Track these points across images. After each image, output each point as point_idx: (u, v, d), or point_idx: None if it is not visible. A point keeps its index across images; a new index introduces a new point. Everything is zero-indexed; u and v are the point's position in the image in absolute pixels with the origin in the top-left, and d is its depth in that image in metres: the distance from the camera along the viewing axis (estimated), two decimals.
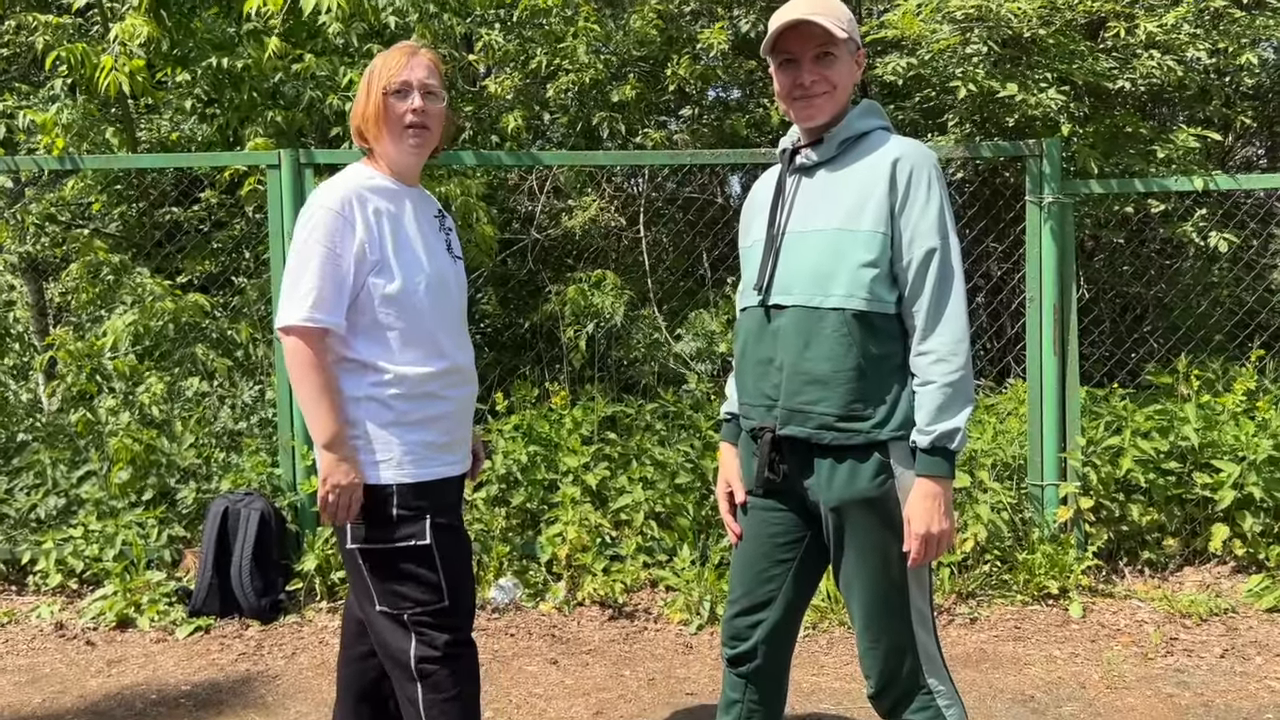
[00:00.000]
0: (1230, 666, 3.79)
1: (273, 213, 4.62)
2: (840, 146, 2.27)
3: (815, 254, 2.23)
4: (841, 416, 2.20)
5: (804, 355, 2.22)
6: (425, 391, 2.35)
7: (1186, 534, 4.68)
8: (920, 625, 2.28)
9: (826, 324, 2.20)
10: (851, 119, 2.27)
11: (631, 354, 5.68)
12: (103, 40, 5.60)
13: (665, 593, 4.49)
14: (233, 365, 5.25)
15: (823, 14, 2.21)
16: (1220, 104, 5.96)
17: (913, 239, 2.17)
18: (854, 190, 2.22)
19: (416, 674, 2.33)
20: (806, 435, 2.23)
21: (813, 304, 2.21)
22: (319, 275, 2.29)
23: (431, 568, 2.32)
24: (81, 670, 3.94)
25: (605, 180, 6.24)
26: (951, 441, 2.13)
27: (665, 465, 4.75)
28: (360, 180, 2.38)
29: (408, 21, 5.75)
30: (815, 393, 2.21)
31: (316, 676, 3.85)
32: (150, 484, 4.77)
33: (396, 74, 2.36)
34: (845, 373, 2.19)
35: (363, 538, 2.31)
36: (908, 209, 2.18)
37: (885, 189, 2.18)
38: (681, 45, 6.42)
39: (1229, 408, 4.82)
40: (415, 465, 2.33)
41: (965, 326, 2.19)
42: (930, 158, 2.22)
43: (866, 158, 2.24)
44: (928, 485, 2.15)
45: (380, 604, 2.34)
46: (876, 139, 2.26)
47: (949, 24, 5.02)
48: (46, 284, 7.68)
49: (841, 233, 2.20)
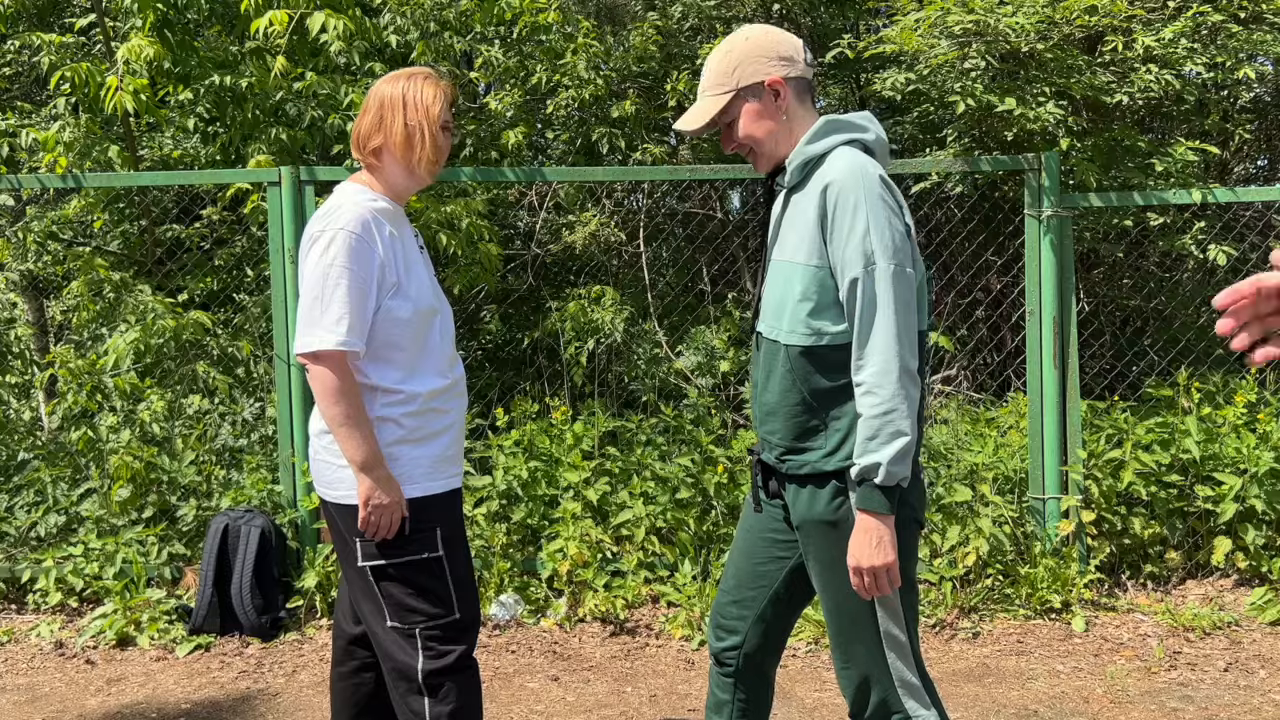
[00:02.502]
0: (1234, 680, 3.78)
1: (273, 229, 4.63)
2: (801, 171, 2.23)
3: (773, 286, 2.26)
4: (789, 448, 2.22)
5: (765, 386, 2.26)
6: (431, 408, 2.40)
7: (1189, 547, 4.67)
8: (894, 650, 2.24)
9: (778, 357, 2.22)
10: (802, 144, 2.22)
11: (632, 369, 5.68)
12: (105, 58, 5.63)
13: (667, 608, 4.48)
14: (233, 382, 5.25)
15: (705, 93, 2.25)
16: (1218, 118, 5.98)
17: (841, 269, 2.11)
18: (800, 221, 2.19)
19: (424, 688, 2.35)
20: (771, 461, 2.28)
21: (772, 336, 2.24)
22: (348, 299, 2.29)
23: (442, 580, 2.37)
24: (81, 689, 3.93)
25: (605, 196, 6.25)
26: (875, 475, 2.06)
27: (666, 480, 4.74)
28: (367, 202, 2.39)
29: (409, 40, 5.78)
30: (772, 423, 2.25)
31: (317, 694, 3.83)
32: (150, 501, 4.76)
33: (445, 109, 2.41)
34: (790, 406, 2.21)
35: (374, 554, 2.34)
36: (834, 238, 2.12)
37: (816, 219, 2.14)
38: (681, 61, 6.44)
39: (1230, 420, 4.82)
40: (424, 479, 2.38)
41: (894, 355, 2.07)
42: (861, 177, 2.11)
43: (813, 185, 2.18)
44: (862, 519, 2.10)
45: (391, 619, 2.36)
46: (829, 161, 2.18)
47: (947, 39, 5.04)
48: (47, 302, 7.70)
49: (789, 265, 2.20)
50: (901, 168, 5.01)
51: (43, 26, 6.55)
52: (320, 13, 5.03)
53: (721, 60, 2.25)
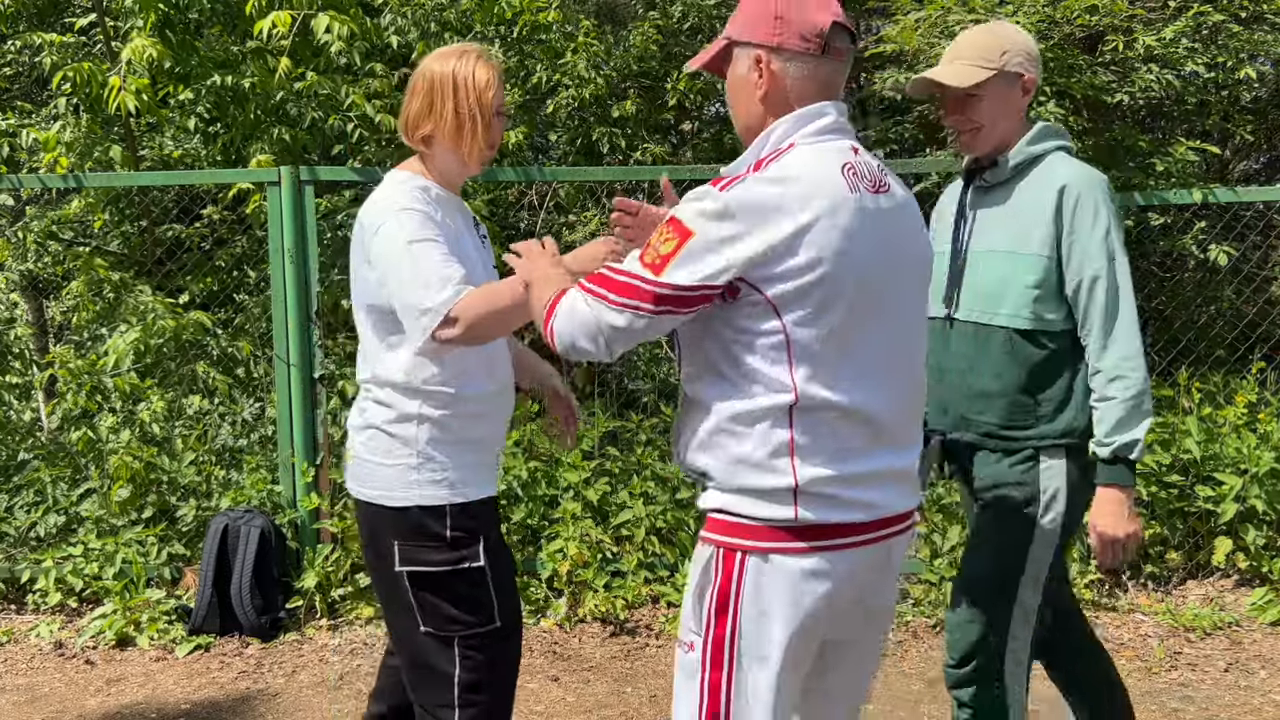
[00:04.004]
0: (1234, 681, 3.77)
1: (273, 229, 4.62)
2: (1014, 170, 2.39)
3: (987, 274, 2.39)
4: (1003, 426, 2.38)
5: (972, 369, 2.40)
6: (476, 412, 2.27)
7: (1189, 547, 4.67)
8: (1021, 620, 2.40)
9: (994, 341, 2.36)
10: (1023, 143, 2.38)
11: (632, 369, 5.68)
12: (106, 58, 5.63)
13: (667, 609, 4.48)
14: (233, 383, 5.25)
15: (962, 59, 2.36)
16: (1219, 118, 5.97)
17: (1081, 263, 2.29)
18: (1024, 214, 2.35)
19: (458, 701, 2.22)
20: (972, 440, 2.43)
21: (983, 321, 2.38)
22: (437, 258, 2.10)
23: (484, 587, 2.24)
24: (81, 689, 3.93)
25: (605, 195, 6.25)
26: (1131, 452, 2.28)
27: (666, 481, 4.74)
28: (419, 188, 2.23)
29: (409, 40, 5.78)
30: (980, 404, 2.39)
31: (316, 694, 3.83)
32: (150, 502, 4.76)
33: (499, 93, 2.26)
34: (1009, 386, 2.36)
35: (415, 560, 2.21)
36: (1075, 235, 2.29)
37: (1052, 215, 2.30)
38: (681, 61, 6.45)
39: (1230, 420, 4.81)
40: (467, 485, 2.23)
41: (1138, 343, 2.29)
42: (1098, 183, 2.31)
43: (1037, 182, 2.35)
44: (1111, 493, 2.31)
45: (425, 625, 2.23)
46: (1051, 162, 2.37)
47: (948, 39, 5.04)
48: (47, 302, 7.69)
49: (1011, 255, 2.35)
50: (901, 168, 5.00)
51: (43, 26, 6.55)
52: (324, 14, 5.04)
53: (989, 39, 2.37)
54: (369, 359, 2.29)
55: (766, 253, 1.66)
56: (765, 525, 1.76)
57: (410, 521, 2.21)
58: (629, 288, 1.72)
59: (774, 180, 1.69)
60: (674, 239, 1.70)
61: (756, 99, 1.81)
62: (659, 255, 1.71)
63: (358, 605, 4.47)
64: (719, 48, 1.88)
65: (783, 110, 1.79)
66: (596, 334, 1.76)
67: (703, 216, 1.69)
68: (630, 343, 1.78)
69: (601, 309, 1.75)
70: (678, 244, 1.69)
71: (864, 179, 1.76)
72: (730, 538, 1.78)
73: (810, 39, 1.77)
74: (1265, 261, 6.22)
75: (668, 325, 1.76)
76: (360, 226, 2.23)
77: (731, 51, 1.85)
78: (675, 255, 1.69)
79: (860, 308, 1.73)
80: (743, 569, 1.77)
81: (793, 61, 1.78)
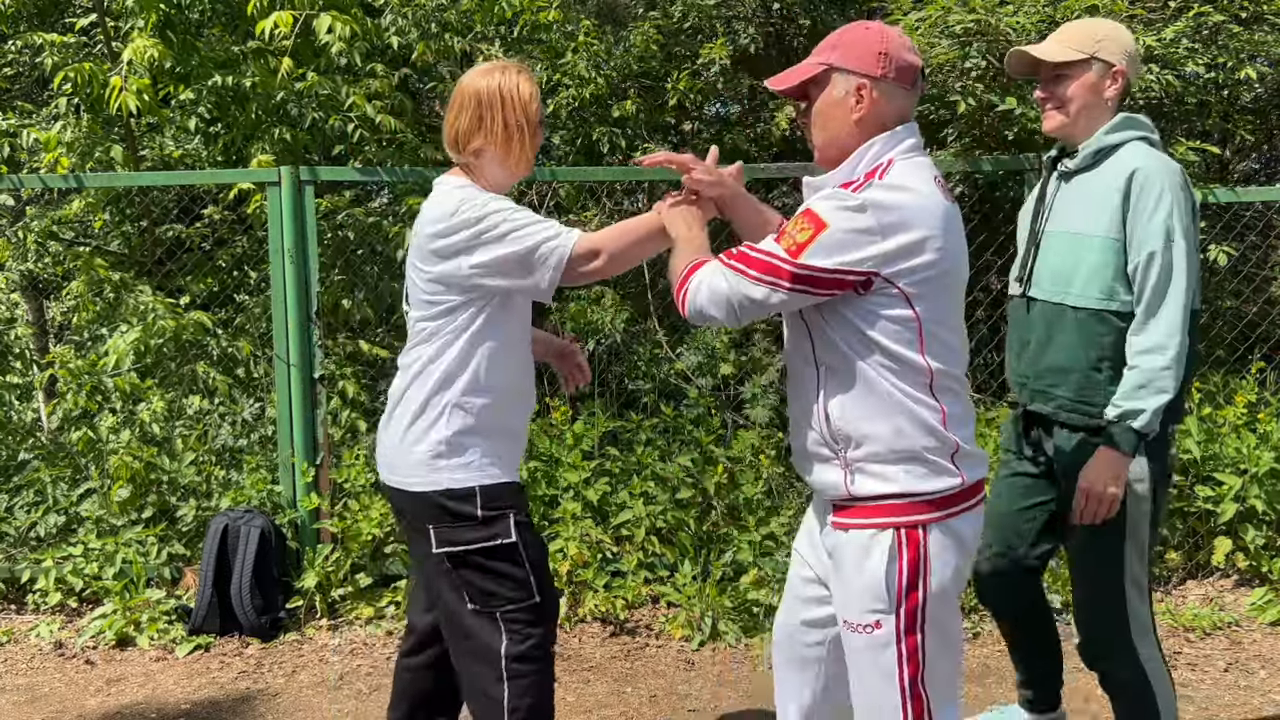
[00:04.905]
0: (1234, 681, 3.78)
1: (273, 229, 4.62)
2: (1094, 157, 2.55)
3: (1060, 254, 2.55)
4: (1076, 400, 2.54)
5: (1048, 344, 2.57)
6: (507, 403, 2.42)
7: (1189, 547, 4.67)
8: (1134, 589, 2.52)
9: (1066, 318, 2.53)
10: (1101, 132, 2.54)
11: (632, 370, 5.68)
12: (106, 58, 5.63)
13: (667, 609, 4.48)
14: (233, 383, 5.25)
15: (1057, 40, 2.56)
16: (1219, 118, 5.97)
17: (1140, 242, 2.41)
18: (1097, 198, 2.50)
19: (506, 673, 2.36)
20: (1048, 412, 2.61)
21: (1055, 299, 2.55)
22: (529, 215, 2.29)
23: (519, 564, 2.38)
24: (81, 689, 3.93)
25: (606, 195, 6.25)
26: (1134, 420, 2.40)
27: (666, 480, 4.74)
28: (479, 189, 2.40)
29: (410, 41, 5.78)
30: (1054, 378, 2.57)
31: (316, 695, 3.83)
32: (150, 502, 4.76)
33: (540, 106, 2.44)
34: (1079, 362, 2.52)
35: (449, 541, 2.36)
36: (1137, 216, 2.41)
37: (1120, 199, 2.44)
38: (682, 61, 6.44)
39: (1230, 420, 4.82)
40: (495, 468, 2.39)
41: (1181, 322, 2.39)
42: (1168, 171, 2.42)
43: (1113, 169, 2.49)
44: (1105, 452, 2.44)
45: (471, 602, 2.38)
46: (1129, 151, 2.50)
47: (948, 39, 5.04)
48: (47, 302, 7.69)
49: (1081, 236, 2.51)
50: None
51: (44, 26, 6.55)
52: (326, 15, 5.04)
53: (1090, 27, 2.58)
54: (412, 346, 2.43)
55: (900, 251, 1.94)
56: (940, 496, 2.02)
57: (440, 505, 2.36)
58: (769, 266, 1.98)
59: (898, 188, 1.97)
60: (810, 229, 1.96)
61: (852, 120, 2.07)
62: (795, 242, 1.97)
63: (358, 605, 4.47)
64: (815, 71, 2.11)
65: (875, 131, 2.07)
66: (730, 304, 2.02)
67: (839, 211, 1.95)
68: (760, 314, 2.04)
69: (741, 282, 2.01)
70: (814, 233, 1.95)
71: (944, 189, 2.07)
72: (909, 516, 2.02)
73: (905, 75, 2.07)
74: (1265, 261, 6.22)
75: (797, 304, 2.02)
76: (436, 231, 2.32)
77: (825, 76, 2.10)
78: (812, 242, 1.94)
79: (957, 293, 2.07)
80: (926, 542, 2.02)
81: (888, 92, 2.06)
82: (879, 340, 1.99)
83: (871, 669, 2.06)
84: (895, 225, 1.94)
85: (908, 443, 2.01)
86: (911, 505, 2.02)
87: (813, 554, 2.30)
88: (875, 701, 2.08)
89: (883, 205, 1.95)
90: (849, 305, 2.00)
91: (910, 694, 2.04)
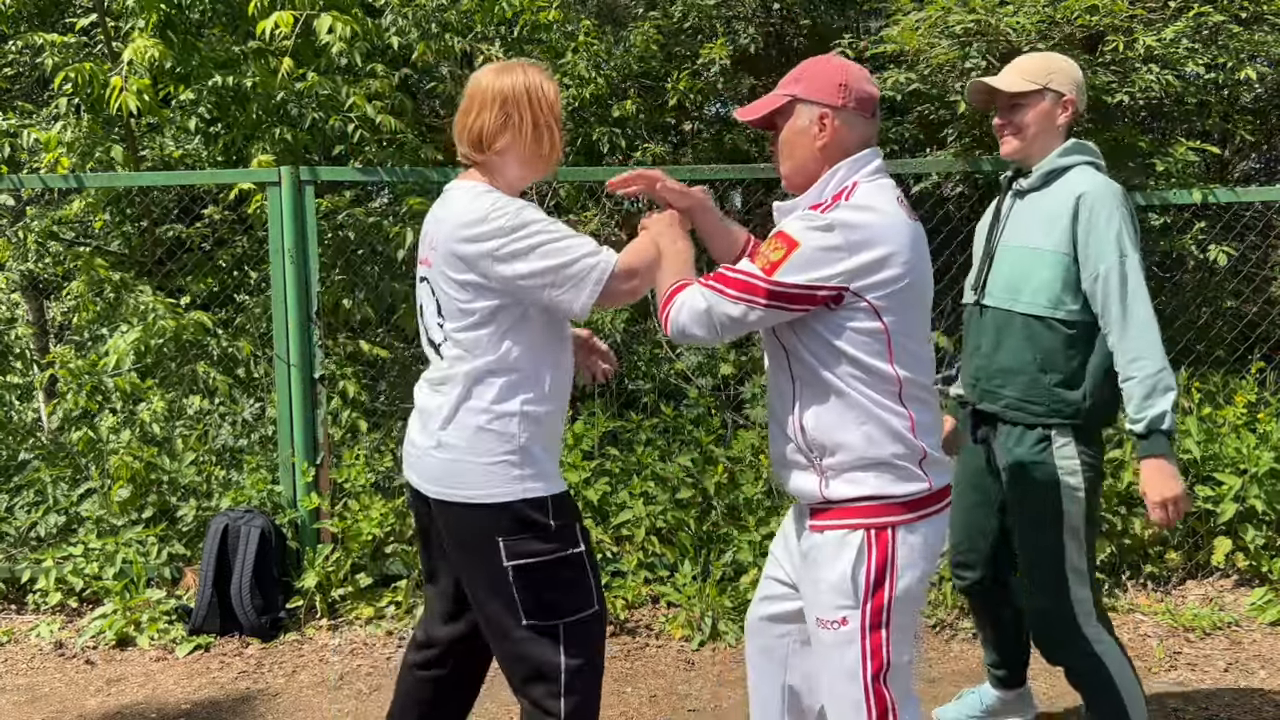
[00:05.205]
0: (1234, 681, 3.78)
1: (273, 229, 4.62)
2: (1045, 178, 2.76)
3: (1012, 265, 2.75)
4: (1021, 399, 2.73)
5: (997, 348, 2.77)
6: (559, 408, 2.39)
7: (1189, 547, 4.67)
8: (1074, 575, 2.71)
9: (1015, 324, 2.73)
10: (1053, 155, 2.75)
11: (632, 370, 5.68)
12: (107, 58, 5.63)
13: (667, 609, 4.48)
14: (233, 383, 5.25)
15: (1014, 72, 2.77)
16: (1219, 118, 5.97)
17: (1096, 258, 2.60)
18: (1047, 216, 2.70)
19: (564, 689, 2.29)
20: (995, 410, 2.80)
21: (1005, 306, 2.75)
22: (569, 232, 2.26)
23: (585, 574, 2.35)
24: (81, 689, 3.93)
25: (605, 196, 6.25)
26: (1162, 424, 2.55)
27: (666, 480, 4.74)
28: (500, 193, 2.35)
29: (410, 41, 5.78)
30: (1002, 379, 2.76)
31: (316, 694, 3.84)
32: (150, 502, 4.76)
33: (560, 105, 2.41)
34: (1026, 365, 2.71)
35: (522, 553, 2.27)
36: (1091, 235, 2.61)
37: (1069, 219, 2.64)
38: (682, 61, 6.45)
39: (1230, 420, 4.82)
40: (559, 476, 2.38)
41: (1153, 328, 2.57)
42: (1112, 192, 2.64)
43: (1062, 190, 2.70)
44: (1152, 463, 2.58)
45: (529, 618, 2.29)
46: (1077, 173, 2.72)
47: (948, 39, 5.04)
48: (47, 302, 7.69)
49: (1032, 250, 2.70)
50: (901, 168, 5.00)
51: (44, 26, 6.55)
52: (327, 15, 5.04)
53: (1042, 61, 2.80)
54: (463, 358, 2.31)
55: (866, 266, 2.05)
56: (908, 500, 2.13)
57: (515, 516, 2.28)
58: (746, 285, 2.09)
59: (864, 209, 2.09)
60: (783, 248, 2.07)
61: (816, 147, 2.20)
62: (769, 261, 2.07)
63: (358, 605, 4.47)
64: (781, 103, 2.23)
65: (838, 157, 2.19)
66: (711, 322, 2.12)
67: (809, 230, 2.06)
68: (740, 332, 2.13)
69: (720, 301, 2.11)
70: (786, 251, 2.06)
71: (908, 208, 2.18)
72: (878, 518, 2.12)
73: (864, 104, 2.20)
74: (1265, 261, 6.22)
75: (773, 319, 2.11)
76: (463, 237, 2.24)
77: (790, 107, 2.23)
78: (785, 261, 2.05)
79: (924, 306, 2.18)
80: (894, 542, 2.12)
81: (849, 120, 2.19)
82: (849, 352, 2.10)
83: (838, 665, 2.17)
84: (861, 243, 2.05)
85: (878, 450, 2.12)
86: (883, 507, 2.13)
87: (786, 558, 2.43)
88: (840, 697, 2.18)
89: (849, 224, 2.06)
90: (820, 320, 2.11)
91: (873, 690, 2.14)
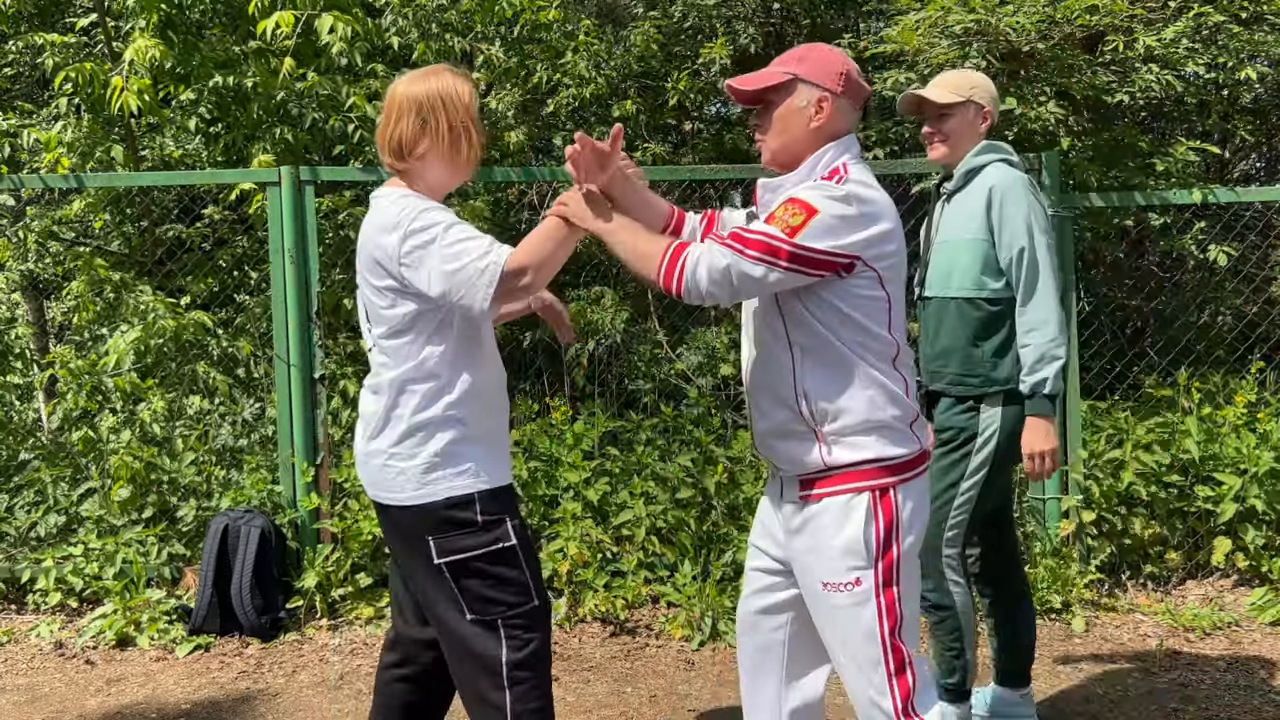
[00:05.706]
0: (1234, 680, 3.77)
1: (273, 229, 4.63)
2: (965, 177, 3.07)
3: (942, 259, 3.07)
4: (960, 374, 3.02)
5: (938, 331, 3.07)
6: (491, 402, 2.42)
7: (1189, 547, 4.67)
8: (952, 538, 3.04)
9: (949, 309, 3.04)
10: (969, 157, 3.07)
11: (632, 370, 5.68)
12: (107, 58, 5.63)
13: (667, 609, 4.48)
14: (233, 383, 5.25)
15: (940, 86, 3.07)
16: (1219, 118, 5.98)
17: (1010, 241, 2.94)
18: (966, 209, 3.03)
19: (508, 681, 2.34)
20: (940, 388, 3.09)
21: (940, 294, 3.06)
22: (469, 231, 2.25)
23: (519, 568, 2.37)
24: (81, 689, 3.93)
25: None
26: (1044, 388, 2.90)
27: (666, 480, 4.74)
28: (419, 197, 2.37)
29: (410, 41, 5.78)
30: (944, 359, 3.06)
31: (316, 694, 3.84)
32: (150, 502, 4.76)
33: (476, 102, 2.41)
34: (960, 342, 3.01)
35: (451, 550, 2.33)
36: (1004, 221, 2.94)
37: (984, 207, 2.97)
38: (682, 61, 6.45)
39: (1230, 420, 4.81)
40: (489, 472, 2.37)
41: (1055, 300, 2.92)
42: (1022, 183, 2.98)
43: (978, 185, 3.02)
44: (1033, 420, 2.94)
45: (470, 612, 2.34)
46: (991, 169, 3.03)
47: (948, 39, 5.04)
48: (47, 302, 7.69)
49: (957, 241, 3.03)
50: (901, 168, 5.00)
51: (44, 26, 6.55)
52: (327, 15, 5.04)
53: (963, 77, 3.11)
54: (387, 365, 2.37)
55: (876, 238, 2.14)
56: (904, 459, 2.21)
57: (441, 515, 2.33)
58: (767, 246, 2.10)
59: (869, 185, 2.19)
60: (802, 214, 2.10)
61: (810, 128, 2.27)
62: (789, 225, 2.10)
63: (358, 605, 4.47)
64: (782, 79, 2.28)
65: (826, 140, 2.28)
66: (728, 281, 2.12)
67: (827, 199, 2.12)
68: (755, 293, 2.16)
69: (740, 261, 2.11)
70: (807, 217, 2.10)
71: None
72: (881, 479, 2.20)
73: (857, 96, 2.32)
74: (1265, 261, 6.22)
75: (790, 283, 2.14)
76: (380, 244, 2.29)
77: (791, 84, 2.28)
78: (805, 225, 2.09)
79: (904, 280, 2.28)
80: (898, 501, 2.20)
81: (842, 108, 2.28)
82: (857, 319, 2.17)
83: (853, 625, 2.21)
84: (873, 216, 2.14)
85: (880, 413, 2.19)
86: (883, 469, 2.20)
87: (770, 543, 2.42)
88: (858, 656, 2.22)
89: (861, 198, 2.14)
90: (830, 287, 2.16)
91: (890, 646, 2.20)
